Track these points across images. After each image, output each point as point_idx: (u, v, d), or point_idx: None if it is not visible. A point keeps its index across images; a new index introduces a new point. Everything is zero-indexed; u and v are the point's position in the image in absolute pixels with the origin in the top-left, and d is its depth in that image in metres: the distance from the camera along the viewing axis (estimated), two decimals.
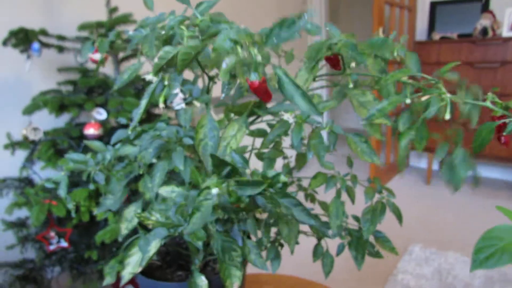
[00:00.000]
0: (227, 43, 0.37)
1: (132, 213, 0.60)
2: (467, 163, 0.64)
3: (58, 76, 1.76)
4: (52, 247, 1.31)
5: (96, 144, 0.60)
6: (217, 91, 0.68)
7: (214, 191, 0.38)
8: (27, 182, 1.52)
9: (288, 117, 0.55)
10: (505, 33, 2.77)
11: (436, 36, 3.08)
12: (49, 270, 1.47)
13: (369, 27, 4.87)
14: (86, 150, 1.45)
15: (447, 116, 0.40)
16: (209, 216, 0.39)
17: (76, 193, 1.31)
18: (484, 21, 2.85)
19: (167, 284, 0.62)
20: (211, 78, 0.57)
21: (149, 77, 0.54)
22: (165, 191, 0.53)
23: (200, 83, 0.69)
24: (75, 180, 1.44)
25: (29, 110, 1.37)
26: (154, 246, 0.56)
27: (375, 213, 0.63)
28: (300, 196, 0.66)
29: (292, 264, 1.77)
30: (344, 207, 0.63)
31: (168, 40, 0.48)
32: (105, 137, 1.53)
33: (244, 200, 0.39)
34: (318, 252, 0.68)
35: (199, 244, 0.54)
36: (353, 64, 0.51)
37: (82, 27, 1.45)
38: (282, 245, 0.70)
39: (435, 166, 3.51)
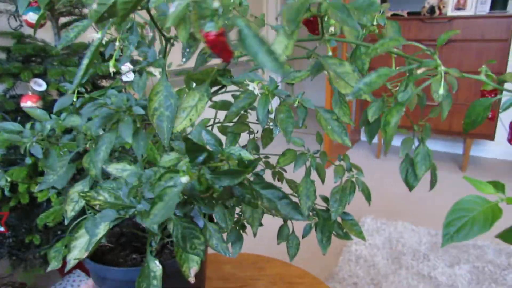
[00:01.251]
0: None
1: (77, 193, 0.53)
2: (427, 163, 0.63)
3: None
4: None
5: (37, 113, 0.52)
6: (176, 59, 0.61)
7: (184, 179, 0.32)
8: None
9: (253, 87, 0.50)
10: (450, 12, 2.87)
11: (388, 13, 3.13)
12: None
13: None
14: (23, 124, 1.30)
15: (441, 91, 0.36)
16: (174, 206, 0.33)
17: (13, 172, 1.18)
18: (432, 0, 2.94)
19: (117, 269, 0.57)
20: (168, 40, 0.50)
21: (96, 36, 0.46)
22: (115, 168, 0.46)
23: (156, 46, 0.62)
24: (13, 158, 1.30)
25: None
26: (102, 229, 0.49)
27: (345, 193, 0.60)
28: (268, 174, 0.61)
29: (252, 244, 1.76)
30: (315, 187, 0.60)
31: None
32: (45, 110, 1.38)
33: (217, 190, 0.33)
34: (283, 234, 0.65)
35: (155, 227, 0.48)
36: (332, 29, 0.46)
37: None
38: (244, 227, 0.66)
39: None
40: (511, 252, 1.96)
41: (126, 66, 1.49)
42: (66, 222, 0.55)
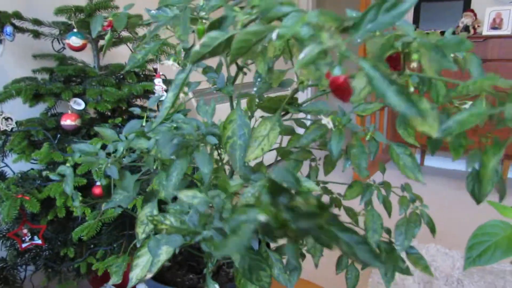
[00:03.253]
0: (305, 29, 0.29)
1: (148, 214, 0.54)
2: (495, 178, 0.60)
3: (33, 63, 1.66)
4: (24, 245, 1.23)
5: (108, 133, 0.54)
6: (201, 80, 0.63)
7: (262, 217, 0.31)
8: None
9: (327, 121, 0.50)
10: (485, 31, 2.81)
11: None
12: (21, 269, 1.39)
13: None
14: (61, 142, 1.37)
15: None
16: (249, 242, 0.34)
17: (51, 188, 1.24)
18: (466, 20, 2.89)
19: None
20: (241, 68, 0.51)
21: (169, 62, 0.49)
22: (186, 195, 0.46)
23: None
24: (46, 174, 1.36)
25: (1, 98, 1.28)
26: (165, 251, 0.51)
27: (410, 226, 0.58)
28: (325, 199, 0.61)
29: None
30: (382, 220, 0.58)
31: (216, 24, 0.39)
32: (82, 128, 1.45)
33: (293, 229, 0.33)
34: (342, 264, 0.63)
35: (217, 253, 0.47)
36: (414, 64, 0.45)
37: (59, 10, 1.36)
38: (304, 256, 0.65)
39: (425, 162, 3.56)
40: None
41: (159, 86, 1.54)
42: (138, 245, 0.56)
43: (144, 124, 0.58)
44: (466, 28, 2.86)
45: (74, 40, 1.26)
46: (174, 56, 0.56)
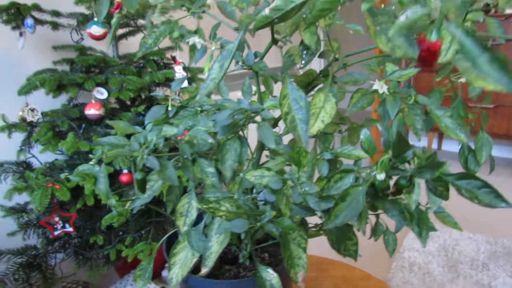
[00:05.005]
0: None
1: (186, 206, 0.53)
2: (488, 149, 0.61)
3: (53, 54, 1.67)
4: (56, 233, 1.26)
5: (121, 125, 0.52)
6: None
7: (381, 176, 0.30)
8: (26, 166, 1.46)
9: (381, 86, 0.48)
10: (508, 10, 2.72)
11: None
12: (52, 256, 1.43)
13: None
14: (86, 132, 1.38)
15: None
16: (360, 206, 0.33)
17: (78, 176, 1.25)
18: None
19: (228, 282, 0.56)
20: (275, 42, 0.49)
21: (195, 39, 0.48)
22: (253, 176, 0.45)
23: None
24: (78, 163, 1.38)
25: (25, 90, 1.29)
26: (216, 241, 0.49)
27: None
28: None
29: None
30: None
31: None
32: (105, 118, 1.46)
33: (404, 185, 0.32)
34: (378, 231, 0.63)
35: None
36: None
37: (80, 0, 1.36)
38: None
39: (434, 145, 3.51)
40: None
41: (180, 73, 1.54)
42: (181, 238, 0.54)
43: (169, 108, 0.57)
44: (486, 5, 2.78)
45: (95, 29, 1.26)
46: (199, 32, 0.54)
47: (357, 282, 0.81)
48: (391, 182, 0.40)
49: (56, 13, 1.44)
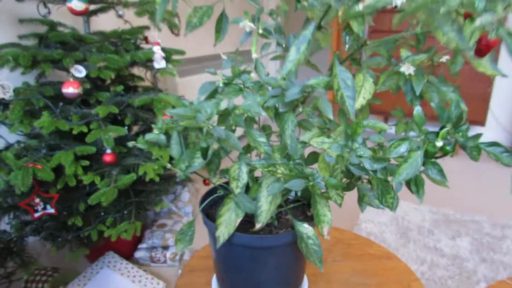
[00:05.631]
0: (481, 3, 0.35)
1: (237, 171, 0.58)
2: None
3: (15, 28, 1.57)
4: (37, 215, 1.22)
5: (170, 98, 0.56)
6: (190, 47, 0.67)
7: (439, 143, 0.39)
8: None
9: (408, 67, 0.56)
10: None
11: None
12: (28, 240, 1.38)
13: None
14: (64, 112, 1.33)
15: None
16: (419, 165, 0.41)
17: (60, 156, 1.22)
18: None
19: (272, 236, 0.61)
20: (320, 28, 0.55)
21: (246, 23, 0.52)
22: (316, 142, 0.51)
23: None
24: (54, 143, 1.34)
25: None
26: (265, 201, 0.55)
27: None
28: None
29: None
30: None
31: None
32: (82, 97, 1.42)
33: (448, 151, 0.41)
34: (362, 205, 0.72)
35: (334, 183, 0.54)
36: None
37: None
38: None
39: None
40: (505, 225, 2.13)
41: (158, 53, 1.53)
42: (236, 194, 0.59)
43: (220, 84, 0.61)
44: None
45: (76, 4, 1.22)
46: (248, 17, 0.59)
47: (350, 241, 0.93)
48: None
49: None
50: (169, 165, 0.61)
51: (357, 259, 0.87)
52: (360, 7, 0.40)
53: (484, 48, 0.39)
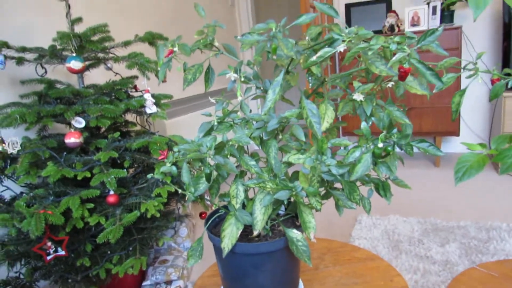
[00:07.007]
0: (393, 46, 0.54)
1: (235, 190, 0.71)
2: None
3: (17, 88, 1.70)
4: (49, 257, 1.30)
5: (177, 138, 0.68)
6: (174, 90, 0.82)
7: (380, 144, 0.53)
8: None
9: (358, 95, 0.71)
10: (407, 28, 3.28)
11: None
12: (39, 285, 1.44)
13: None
14: (67, 160, 1.45)
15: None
16: (369, 165, 0.55)
17: (68, 201, 1.32)
18: (390, 19, 3.34)
19: (267, 243, 0.72)
20: (288, 72, 0.70)
21: (232, 74, 0.67)
22: (293, 158, 0.64)
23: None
24: (59, 190, 1.44)
25: (5, 124, 1.34)
26: (259, 212, 0.68)
27: (391, 161, 0.82)
28: None
29: None
30: None
31: (325, 43, 0.59)
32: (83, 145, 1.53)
33: (389, 150, 0.55)
34: (340, 209, 0.85)
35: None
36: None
37: (60, 38, 1.44)
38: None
39: None
40: (489, 228, 2.26)
41: (149, 99, 1.68)
42: (237, 209, 0.71)
43: (215, 122, 0.75)
44: (391, 27, 3.31)
45: (75, 64, 1.36)
46: (233, 69, 0.74)
47: (338, 249, 1.04)
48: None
49: (23, 49, 1.50)
50: (180, 190, 0.73)
51: (346, 263, 0.98)
52: (314, 58, 0.55)
53: (403, 74, 0.54)
